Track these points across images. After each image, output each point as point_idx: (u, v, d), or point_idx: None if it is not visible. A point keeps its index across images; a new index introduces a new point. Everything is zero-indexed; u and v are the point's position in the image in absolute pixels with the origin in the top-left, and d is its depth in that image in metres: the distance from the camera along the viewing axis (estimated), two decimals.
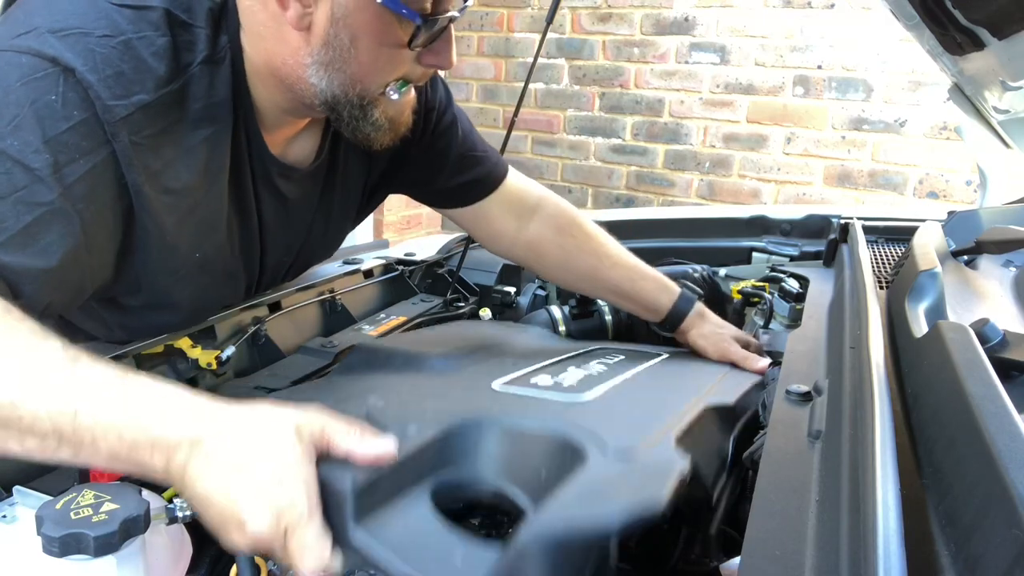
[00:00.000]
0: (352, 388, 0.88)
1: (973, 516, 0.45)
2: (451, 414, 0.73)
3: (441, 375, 0.91)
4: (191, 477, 0.60)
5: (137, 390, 0.63)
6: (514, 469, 0.69)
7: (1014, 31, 0.99)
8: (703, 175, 3.55)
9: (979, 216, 1.28)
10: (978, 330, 0.66)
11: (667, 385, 0.93)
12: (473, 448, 0.71)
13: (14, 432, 0.61)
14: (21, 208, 0.71)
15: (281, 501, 0.59)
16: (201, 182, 0.86)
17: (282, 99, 0.90)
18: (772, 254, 1.60)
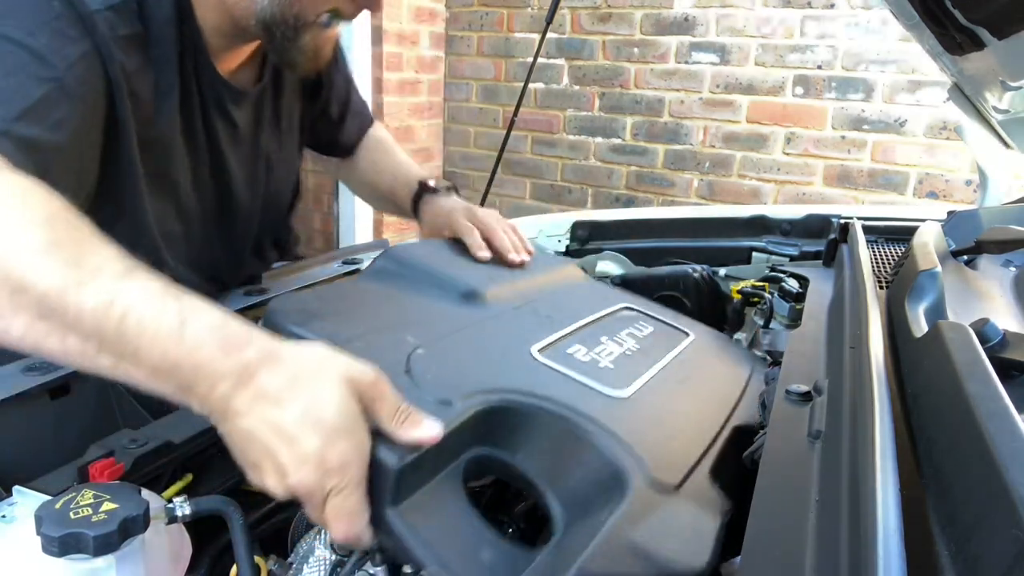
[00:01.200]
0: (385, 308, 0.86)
1: (973, 516, 0.44)
2: (495, 388, 0.71)
3: (479, 313, 0.90)
4: (234, 411, 0.56)
5: (193, 308, 0.58)
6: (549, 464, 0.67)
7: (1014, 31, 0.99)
8: (703, 175, 3.55)
9: (979, 216, 1.28)
10: (978, 330, 0.66)
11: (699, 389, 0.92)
12: (514, 433, 0.69)
13: (57, 325, 0.57)
14: (31, 83, 0.74)
15: (332, 461, 0.54)
16: (151, 101, 0.91)
17: (221, 21, 0.95)
18: (772, 254, 1.59)
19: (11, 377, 0.81)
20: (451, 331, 0.84)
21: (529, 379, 0.76)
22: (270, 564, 0.75)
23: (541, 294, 1.04)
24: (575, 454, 0.68)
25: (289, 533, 0.83)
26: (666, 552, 0.58)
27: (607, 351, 0.90)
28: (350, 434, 0.56)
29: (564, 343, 0.88)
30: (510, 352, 0.83)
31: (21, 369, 0.82)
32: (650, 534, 0.60)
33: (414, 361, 0.72)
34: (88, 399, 0.86)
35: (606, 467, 0.67)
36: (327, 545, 0.76)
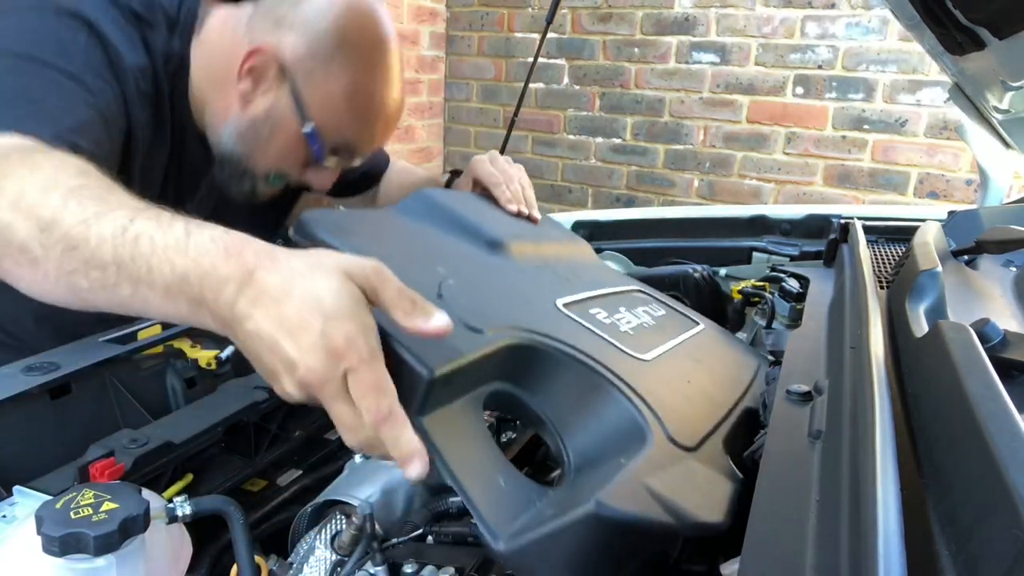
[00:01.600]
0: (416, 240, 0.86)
1: (973, 516, 0.45)
2: (521, 323, 0.71)
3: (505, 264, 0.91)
4: (239, 315, 0.57)
5: (197, 224, 0.62)
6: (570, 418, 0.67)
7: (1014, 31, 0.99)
8: (703, 175, 3.55)
9: (979, 216, 1.28)
10: (978, 330, 0.66)
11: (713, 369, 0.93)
12: (537, 374, 0.69)
13: (82, 259, 0.63)
14: (82, 106, 0.89)
15: (337, 341, 0.54)
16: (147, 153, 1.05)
17: (200, 117, 1.09)
18: (772, 254, 1.59)
19: (11, 377, 0.81)
20: (480, 271, 0.84)
21: (556, 326, 0.76)
22: (270, 564, 0.75)
23: (560, 259, 1.05)
24: (596, 404, 0.68)
25: (289, 533, 0.83)
26: (684, 503, 0.58)
27: (626, 320, 0.91)
28: (352, 316, 0.56)
29: (586, 304, 0.89)
30: (536, 300, 0.83)
31: (21, 369, 0.82)
32: (668, 483, 0.60)
33: (445, 289, 0.71)
34: (88, 399, 0.86)
35: (626, 419, 0.67)
36: (327, 545, 0.76)
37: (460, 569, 0.69)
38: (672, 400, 0.74)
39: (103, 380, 0.89)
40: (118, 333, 0.95)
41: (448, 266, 0.79)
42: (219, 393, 0.91)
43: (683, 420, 0.71)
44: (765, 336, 1.19)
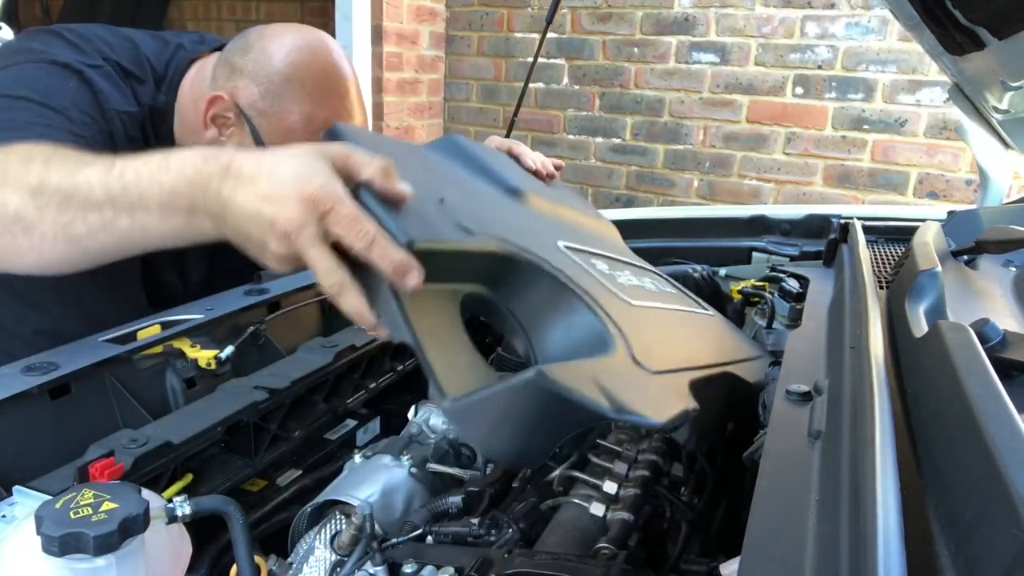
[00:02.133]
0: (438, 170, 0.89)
1: (973, 516, 0.45)
2: (515, 242, 0.73)
3: (518, 207, 0.94)
4: (225, 201, 0.64)
5: (176, 150, 0.69)
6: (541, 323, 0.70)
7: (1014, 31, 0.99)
8: (703, 175, 3.55)
9: (979, 216, 1.28)
10: (978, 330, 0.66)
11: (704, 335, 0.94)
12: (518, 284, 0.71)
13: (76, 207, 0.69)
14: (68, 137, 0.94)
15: (308, 188, 0.60)
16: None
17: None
18: (772, 254, 1.59)
19: (11, 377, 0.81)
20: (491, 203, 0.87)
21: (548, 254, 0.78)
22: (270, 564, 0.75)
23: (579, 225, 1.07)
24: (568, 315, 0.70)
25: (289, 533, 0.83)
26: (627, 399, 0.59)
27: (626, 278, 0.92)
28: (320, 172, 0.62)
29: (589, 255, 0.90)
30: (539, 236, 0.84)
31: (21, 369, 0.82)
32: (615, 382, 0.61)
33: (449, 201, 0.74)
34: (88, 399, 0.86)
35: (593, 331, 0.69)
36: (327, 545, 0.76)
37: (460, 569, 0.69)
38: (645, 337, 0.75)
39: (103, 380, 0.89)
40: (118, 333, 0.95)
41: (462, 189, 0.82)
42: (219, 393, 0.91)
43: (650, 350, 0.71)
44: (765, 336, 1.19)
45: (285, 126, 1.07)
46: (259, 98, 1.07)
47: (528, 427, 0.57)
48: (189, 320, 1.01)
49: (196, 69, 1.16)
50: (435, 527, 0.77)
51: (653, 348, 0.72)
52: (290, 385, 0.97)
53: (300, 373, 1.02)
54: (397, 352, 1.22)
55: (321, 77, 1.08)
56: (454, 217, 0.70)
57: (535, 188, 1.06)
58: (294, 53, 1.07)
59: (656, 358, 0.70)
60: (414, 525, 0.78)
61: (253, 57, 1.08)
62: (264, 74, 1.06)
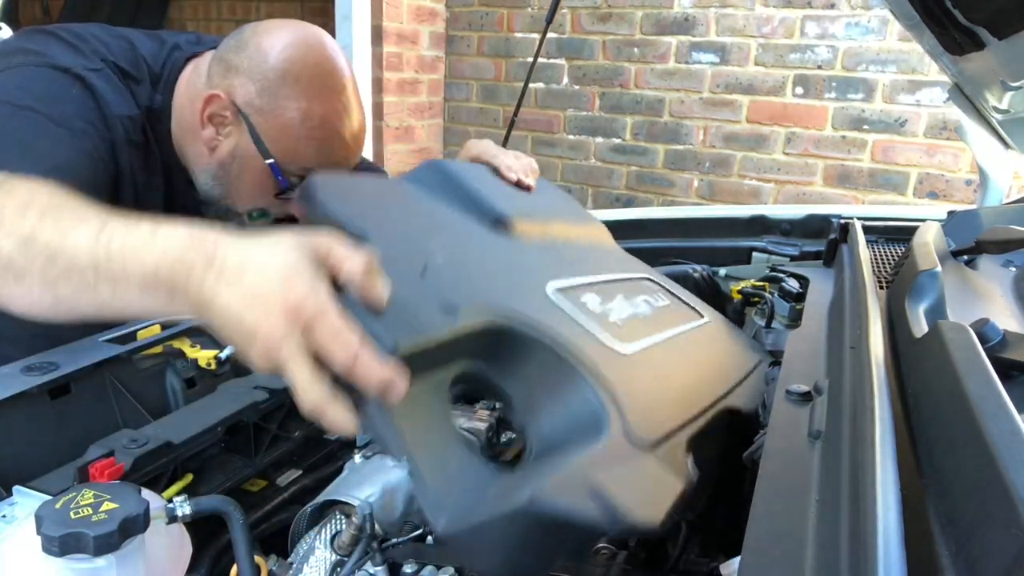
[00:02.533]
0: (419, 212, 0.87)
1: (973, 516, 0.45)
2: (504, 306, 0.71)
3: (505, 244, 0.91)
4: (207, 295, 0.61)
5: (166, 226, 0.66)
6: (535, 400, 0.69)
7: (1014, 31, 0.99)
8: (703, 175, 3.55)
9: (979, 216, 1.28)
10: (978, 330, 0.66)
11: (701, 360, 0.93)
12: (510, 357, 0.70)
13: (60, 268, 0.67)
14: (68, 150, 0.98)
15: (290, 297, 0.58)
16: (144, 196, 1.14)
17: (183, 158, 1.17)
18: (772, 254, 1.59)
19: (11, 377, 0.81)
20: (475, 250, 0.85)
21: (537, 311, 0.76)
22: (270, 564, 0.75)
23: (568, 241, 1.05)
24: (562, 391, 0.69)
25: (289, 533, 0.83)
26: (622, 500, 0.59)
27: (619, 309, 0.91)
28: (302, 274, 0.59)
29: (580, 290, 0.89)
30: (527, 282, 0.83)
31: (21, 369, 0.82)
32: (612, 480, 0.60)
33: (431, 267, 0.72)
34: (88, 399, 0.86)
35: (588, 409, 0.68)
36: (327, 545, 0.76)
37: (460, 569, 0.69)
38: (641, 394, 0.74)
39: (103, 380, 0.89)
40: (118, 333, 0.95)
41: (445, 242, 0.80)
42: (219, 393, 0.91)
43: (647, 415, 0.70)
44: (765, 336, 1.19)
45: (282, 123, 1.07)
46: (256, 95, 1.07)
47: (523, 550, 0.57)
48: (189, 320, 1.01)
49: (192, 68, 1.16)
50: None
51: (647, 409, 0.72)
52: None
53: None
54: None
55: (317, 72, 1.07)
56: (438, 291, 0.68)
57: (520, 207, 1.03)
58: (289, 49, 1.07)
59: (652, 423, 0.70)
60: (414, 525, 0.78)
61: (248, 54, 1.07)
62: (260, 71, 1.06)
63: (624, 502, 0.58)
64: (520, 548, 0.56)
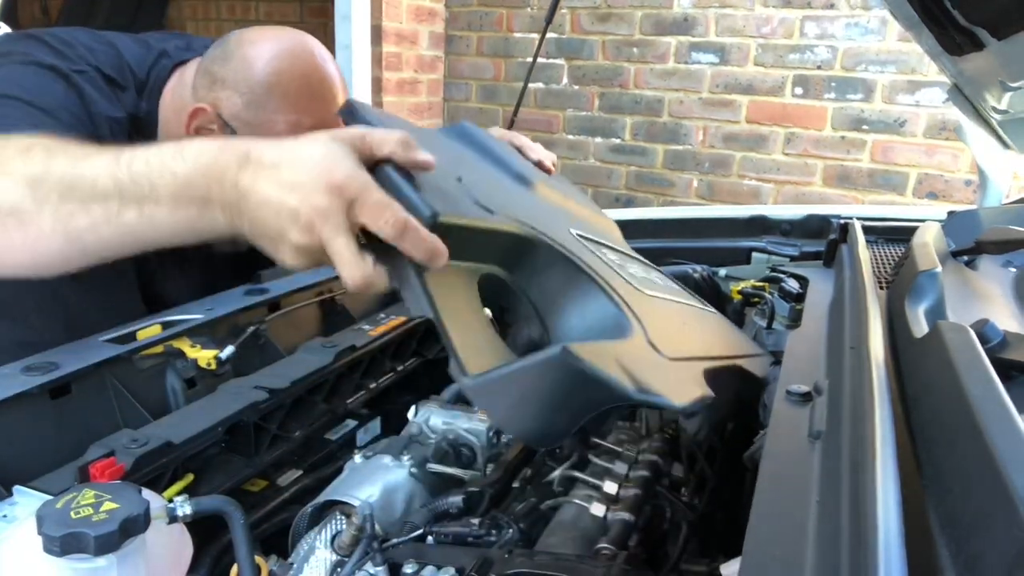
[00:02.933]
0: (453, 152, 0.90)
1: (973, 516, 0.45)
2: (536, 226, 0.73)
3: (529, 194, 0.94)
4: (243, 191, 0.62)
5: (189, 141, 0.67)
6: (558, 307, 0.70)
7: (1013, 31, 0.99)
8: (703, 175, 3.55)
9: (979, 216, 1.28)
10: (978, 330, 0.66)
11: (712, 329, 0.95)
12: (535, 267, 0.71)
13: (79, 199, 0.66)
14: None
15: (335, 175, 0.59)
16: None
17: None
18: (772, 254, 1.59)
19: (11, 377, 0.81)
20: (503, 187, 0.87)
21: (562, 238, 0.77)
22: (271, 564, 0.75)
23: (585, 218, 1.07)
24: (585, 300, 0.70)
25: (290, 533, 0.83)
26: (649, 380, 0.59)
27: (634, 270, 0.92)
28: (344, 158, 0.60)
29: (599, 245, 0.90)
30: (552, 222, 0.84)
31: (21, 369, 0.82)
32: (638, 364, 0.61)
33: (467, 178, 0.74)
34: (88, 399, 0.86)
35: (610, 315, 0.68)
36: (327, 545, 0.76)
37: (460, 569, 0.69)
38: (660, 324, 0.75)
39: (103, 380, 0.89)
40: (118, 333, 0.95)
41: (476, 176, 0.81)
42: (219, 393, 0.91)
43: (667, 338, 0.71)
44: (765, 336, 1.19)
45: (271, 136, 1.05)
46: (242, 109, 1.04)
47: (550, 405, 0.56)
48: (189, 320, 1.01)
49: (176, 78, 1.14)
50: (435, 527, 0.77)
51: (668, 335, 0.72)
52: (290, 385, 0.97)
53: (300, 373, 1.02)
54: (397, 352, 1.22)
55: (304, 83, 1.05)
56: (472, 196, 0.69)
57: (542, 178, 1.07)
58: (275, 61, 1.04)
59: (671, 345, 0.70)
60: (414, 525, 0.78)
61: (233, 67, 1.05)
62: (246, 84, 1.04)
63: (650, 380, 0.58)
64: (547, 401, 0.56)
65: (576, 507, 0.81)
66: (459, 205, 0.66)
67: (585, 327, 0.68)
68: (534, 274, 0.71)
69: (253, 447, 0.91)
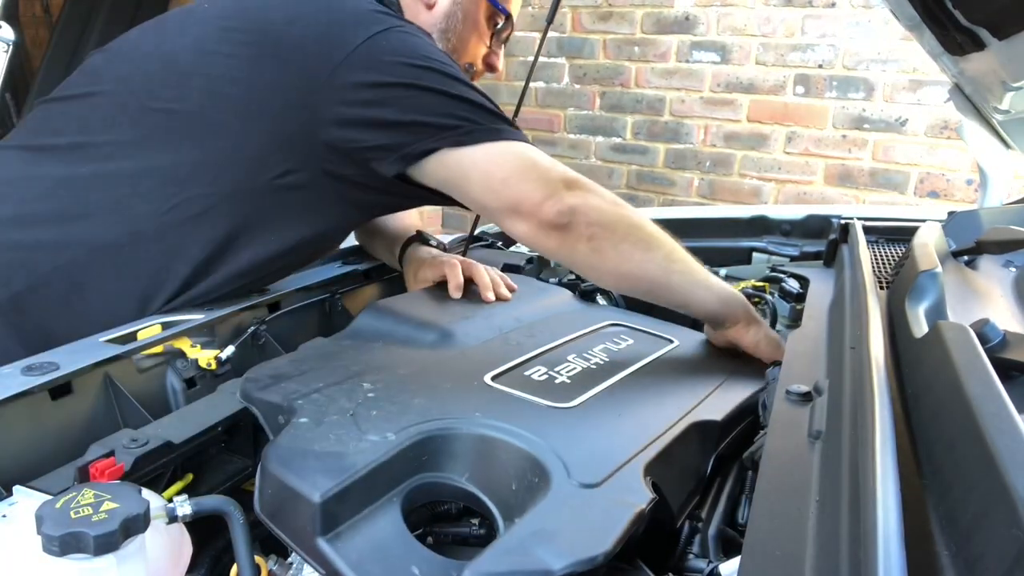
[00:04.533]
0: (354, 359, 0.92)
1: (973, 516, 0.45)
2: (432, 418, 0.75)
3: (443, 354, 0.96)
4: (741, 332, 1.09)
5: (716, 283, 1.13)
6: (486, 479, 0.72)
7: (1014, 31, 0.99)
8: (704, 174, 3.55)
9: (979, 216, 1.28)
10: (978, 330, 0.66)
11: (659, 393, 0.93)
12: (449, 455, 0.73)
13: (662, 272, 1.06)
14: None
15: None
16: None
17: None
18: (772, 254, 1.60)
19: (11, 377, 0.81)
20: (411, 372, 0.89)
21: (470, 405, 0.80)
22: (270, 564, 0.75)
23: (519, 324, 1.09)
24: (507, 465, 0.72)
25: None
26: (569, 538, 0.60)
27: (569, 367, 0.94)
28: None
29: (524, 367, 0.92)
30: (462, 383, 0.86)
31: (21, 369, 0.82)
32: (558, 523, 0.62)
33: (361, 406, 0.77)
34: (88, 399, 0.86)
35: (532, 466, 0.70)
36: None
37: None
38: (585, 439, 0.77)
39: (103, 380, 0.89)
40: (118, 333, 0.95)
41: (379, 377, 0.85)
42: (219, 393, 0.91)
43: (591, 456, 0.72)
44: None
45: None
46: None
47: None
48: (189, 320, 1.01)
49: None
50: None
51: (595, 452, 0.74)
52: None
53: None
54: None
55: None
56: (369, 428, 0.72)
57: (466, 314, 1.08)
58: None
59: (599, 462, 0.71)
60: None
61: None
62: None
63: (569, 538, 0.60)
64: None
65: None
66: (349, 455, 0.68)
67: (516, 491, 0.70)
68: (455, 461, 0.73)
69: (253, 447, 0.91)
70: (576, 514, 0.64)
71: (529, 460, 0.71)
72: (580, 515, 0.64)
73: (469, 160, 1.00)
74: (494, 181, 0.99)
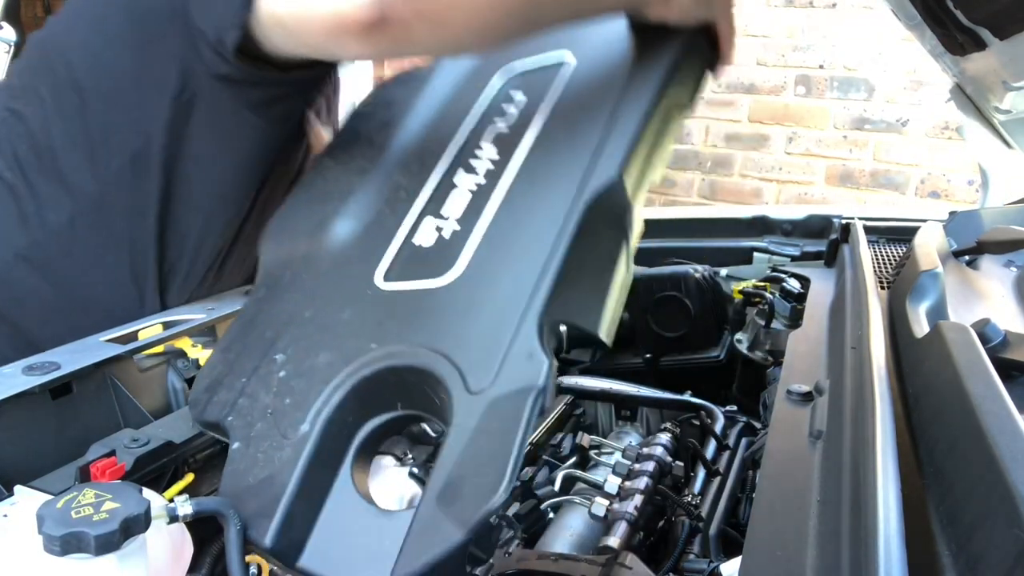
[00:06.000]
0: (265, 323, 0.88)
1: (974, 516, 0.45)
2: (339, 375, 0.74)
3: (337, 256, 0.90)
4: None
5: None
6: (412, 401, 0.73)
7: (1015, 31, 0.99)
8: (704, 174, 3.55)
9: (980, 216, 1.28)
10: (979, 330, 0.66)
11: (546, 186, 0.83)
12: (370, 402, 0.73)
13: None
14: None
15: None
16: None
17: None
18: (773, 254, 1.59)
19: (11, 377, 0.81)
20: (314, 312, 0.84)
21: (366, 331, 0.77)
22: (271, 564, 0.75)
23: (405, 154, 0.98)
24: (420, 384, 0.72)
25: None
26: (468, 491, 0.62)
27: (458, 201, 0.86)
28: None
29: (413, 234, 0.86)
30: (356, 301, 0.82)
31: (21, 369, 0.82)
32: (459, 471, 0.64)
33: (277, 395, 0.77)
34: (89, 399, 0.86)
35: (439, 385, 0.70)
36: None
37: None
38: (477, 323, 0.74)
39: (104, 380, 0.89)
40: (118, 333, 0.95)
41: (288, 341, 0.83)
42: None
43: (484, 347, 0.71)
44: (765, 336, 1.19)
45: None
46: None
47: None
48: (190, 320, 1.01)
49: None
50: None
51: (485, 335, 0.73)
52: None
53: None
54: None
55: None
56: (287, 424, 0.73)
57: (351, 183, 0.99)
58: None
59: (491, 348, 0.72)
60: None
61: None
62: None
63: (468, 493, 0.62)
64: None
65: (577, 507, 0.80)
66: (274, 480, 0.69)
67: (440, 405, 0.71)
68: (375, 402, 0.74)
69: None
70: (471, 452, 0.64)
71: (432, 377, 0.70)
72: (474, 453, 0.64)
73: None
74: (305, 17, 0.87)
